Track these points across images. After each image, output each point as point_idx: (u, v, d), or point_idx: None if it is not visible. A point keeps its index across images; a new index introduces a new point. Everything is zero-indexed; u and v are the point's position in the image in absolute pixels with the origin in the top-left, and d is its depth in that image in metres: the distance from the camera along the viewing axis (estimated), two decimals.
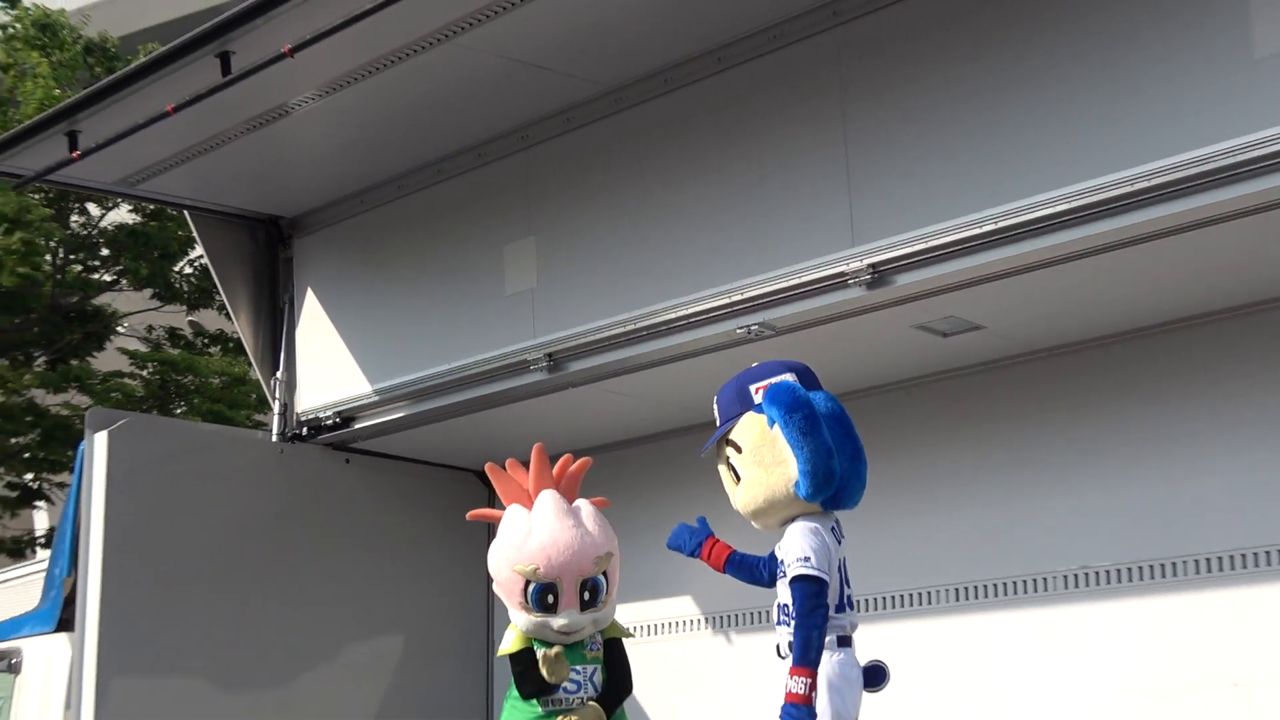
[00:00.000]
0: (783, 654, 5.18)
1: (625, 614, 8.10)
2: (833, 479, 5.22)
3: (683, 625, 8.08)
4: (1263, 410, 6.27)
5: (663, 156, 6.98)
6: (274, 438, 8.44)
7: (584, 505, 6.15)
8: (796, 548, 5.14)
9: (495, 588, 6.09)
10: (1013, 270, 5.89)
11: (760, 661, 7.54)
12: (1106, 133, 5.55)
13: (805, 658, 5.07)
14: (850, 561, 5.30)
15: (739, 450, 5.30)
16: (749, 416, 5.27)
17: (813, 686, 5.01)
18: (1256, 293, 6.24)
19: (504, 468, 6.20)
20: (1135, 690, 6.38)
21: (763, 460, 5.22)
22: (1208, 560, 6.32)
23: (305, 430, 8.39)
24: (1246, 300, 6.31)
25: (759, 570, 5.61)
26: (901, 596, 7.13)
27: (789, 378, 5.33)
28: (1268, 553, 6.16)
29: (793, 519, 5.22)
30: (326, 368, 8.33)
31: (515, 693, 6.00)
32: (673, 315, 6.75)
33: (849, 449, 5.31)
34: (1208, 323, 6.48)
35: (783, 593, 5.20)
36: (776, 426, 5.22)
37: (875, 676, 5.31)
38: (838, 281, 6.22)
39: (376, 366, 8.07)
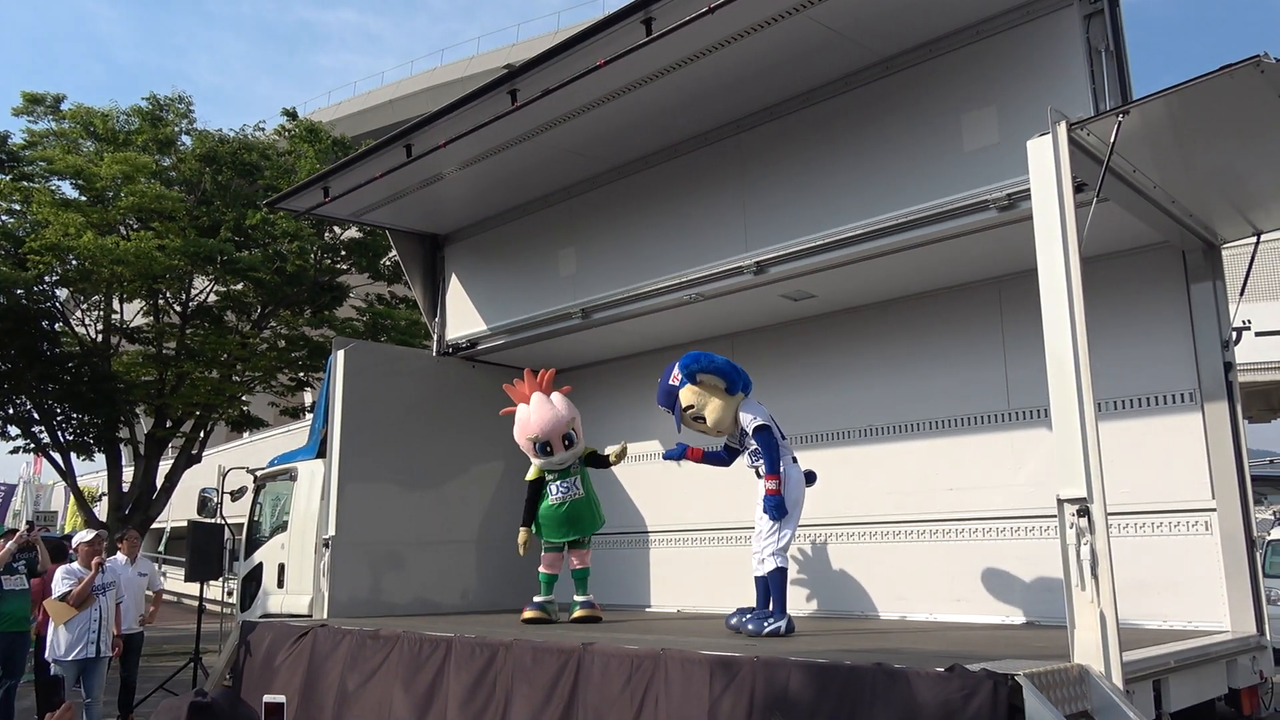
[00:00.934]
0: (760, 474, 5.39)
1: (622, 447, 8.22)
2: (738, 377, 5.39)
3: (651, 456, 8.13)
4: (961, 340, 6.32)
5: (643, 205, 6.92)
6: (434, 353, 8.46)
7: (556, 396, 6.56)
8: (750, 416, 5.40)
9: (522, 448, 6.57)
10: (834, 265, 5.93)
11: (690, 479, 7.65)
12: (885, 190, 5.59)
13: (772, 469, 5.26)
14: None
15: (692, 408, 5.51)
16: (681, 392, 5.54)
17: (779, 486, 5.26)
18: (953, 279, 6.27)
19: (512, 384, 6.65)
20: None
21: (705, 402, 5.47)
22: (933, 421, 6.41)
23: (451, 350, 8.39)
24: (948, 284, 6.36)
25: (720, 455, 5.78)
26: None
27: (676, 366, 5.60)
28: (969, 417, 6.27)
29: (736, 412, 5.44)
30: (463, 316, 8.32)
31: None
32: (650, 289, 6.79)
33: (728, 361, 5.57)
34: (928, 298, 6.51)
35: (749, 441, 5.40)
36: (699, 379, 5.43)
37: (810, 478, 5.59)
38: (737, 270, 6.27)
39: (489, 314, 8.09)
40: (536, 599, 6.53)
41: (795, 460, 5.46)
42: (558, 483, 6.53)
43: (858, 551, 6.61)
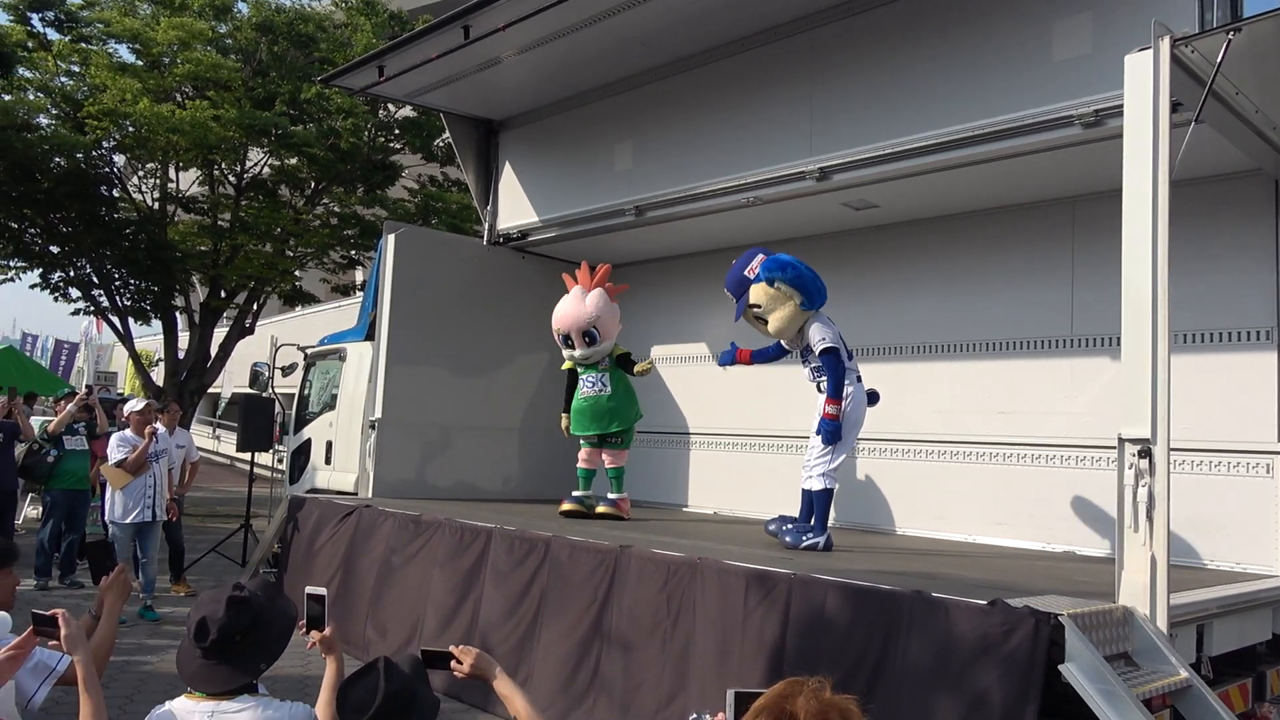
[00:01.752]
0: (821, 390, 5.30)
1: (669, 351, 8.21)
2: (818, 293, 5.25)
3: (700, 358, 8.09)
4: (1020, 259, 6.14)
5: (705, 101, 6.70)
6: (484, 242, 8.39)
7: (596, 293, 6.55)
8: (819, 334, 5.26)
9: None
10: (902, 175, 5.72)
11: (735, 382, 7.60)
12: (963, 99, 5.31)
13: (834, 393, 5.18)
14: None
15: (759, 307, 5.36)
16: (754, 288, 5.37)
17: (838, 411, 5.19)
18: (1025, 196, 6.04)
19: (573, 274, 6.70)
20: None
21: (777, 304, 5.31)
22: (991, 343, 6.27)
23: (501, 239, 8.32)
24: (1019, 201, 6.12)
25: (769, 353, 5.71)
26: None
27: (761, 256, 5.40)
28: (1026, 341, 6.11)
29: (805, 323, 5.30)
30: (515, 206, 8.21)
31: None
32: (709, 189, 6.62)
33: (811, 271, 5.40)
34: (996, 214, 6.29)
35: (812, 359, 5.32)
36: (776, 282, 5.26)
37: (872, 398, 5.48)
38: (799, 175, 6.06)
39: (541, 205, 7.97)
40: (575, 493, 6.71)
41: (860, 379, 5.34)
42: (586, 376, 6.69)
43: (901, 468, 6.56)
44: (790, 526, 5.22)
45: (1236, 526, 5.07)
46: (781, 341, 5.54)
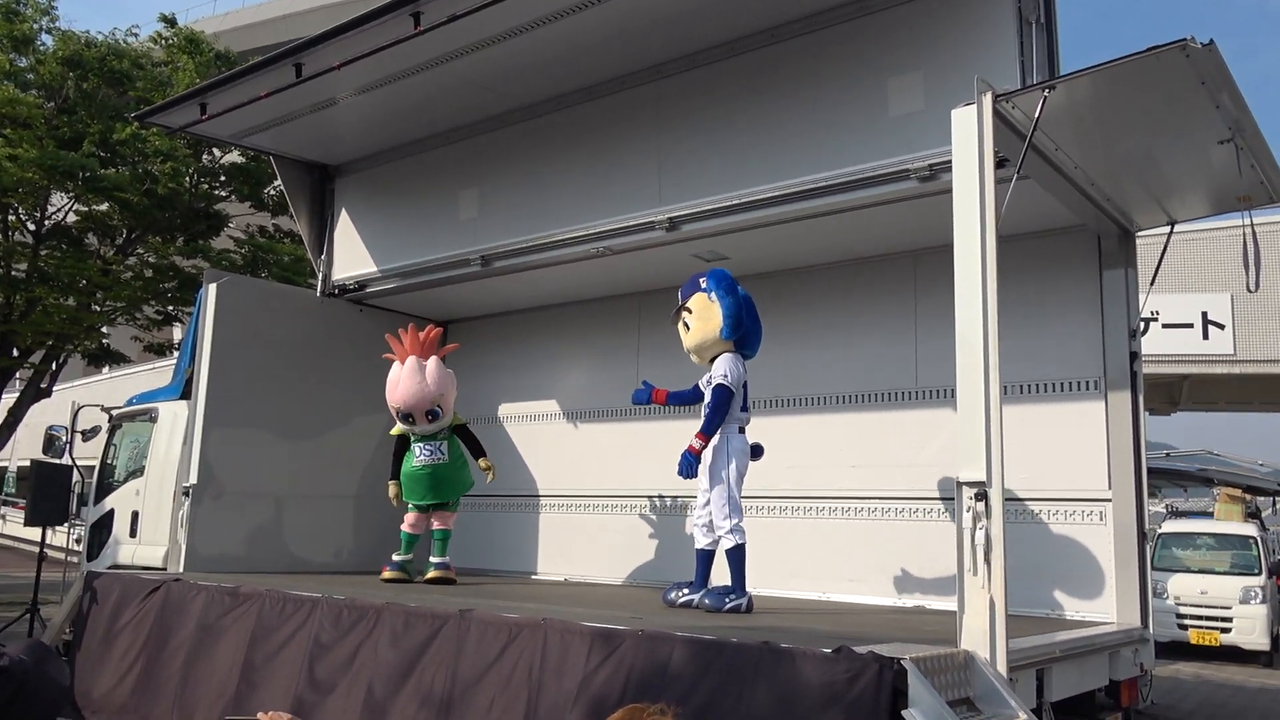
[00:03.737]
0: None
1: (517, 409, 8.23)
2: (740, 325, 5.40)
3: (548, 416, 8.16)
4: (873, 314, 6.50)
5: (553, 149, 6.87)
6: (318, 293, 8.27)
7: (431, 365, 6.63)
8: (721, 368, 5.36)
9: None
10: (749, 226, 5.98)
11: (590, 438, 7.72)
12: (805, 152, 5.65)
13: (708, 430, 5.28)
14: None
15: (690, 312, 5.49)
16: (698, 294, 5.51)
17: (704, 447, 5.28)
18: (870, 249, 6.42)
19: (398, 337, 6.73)
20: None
21: (701, 316, 5.45)
22: (840, 396, 6.58)
23: (337, 291, 8.22)
24: (865, 254, 6.50)
25: (685, 396, 5.78)
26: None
27: (710, 275, 5.57)
28: (872, 394, 6.44)
29: (718, 355, 5.41)
30: (352, 255, 8.14)
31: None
32: (558, 239, 6.74)
33: (752, 314, 5.53)
34: (843, 267, 6.64)
35: (707, 394, 5.40)
36: (714, 295, 5.35)
37: (756, 452, 5.54)
38: (649, 225, 6.26)
39: (380, 255, 7.93)
40: (395, 557, 6.78)
41: (742, 432, 5.48)
42: (422, 444, 6.74)
43: (755, 525, 6.70)
44: (707, 591, 5.25)
45: (1074, 574, 5.45)
46: (698, 383, 5.60)
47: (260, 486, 7.58)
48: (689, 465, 5.27)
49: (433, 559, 6.83)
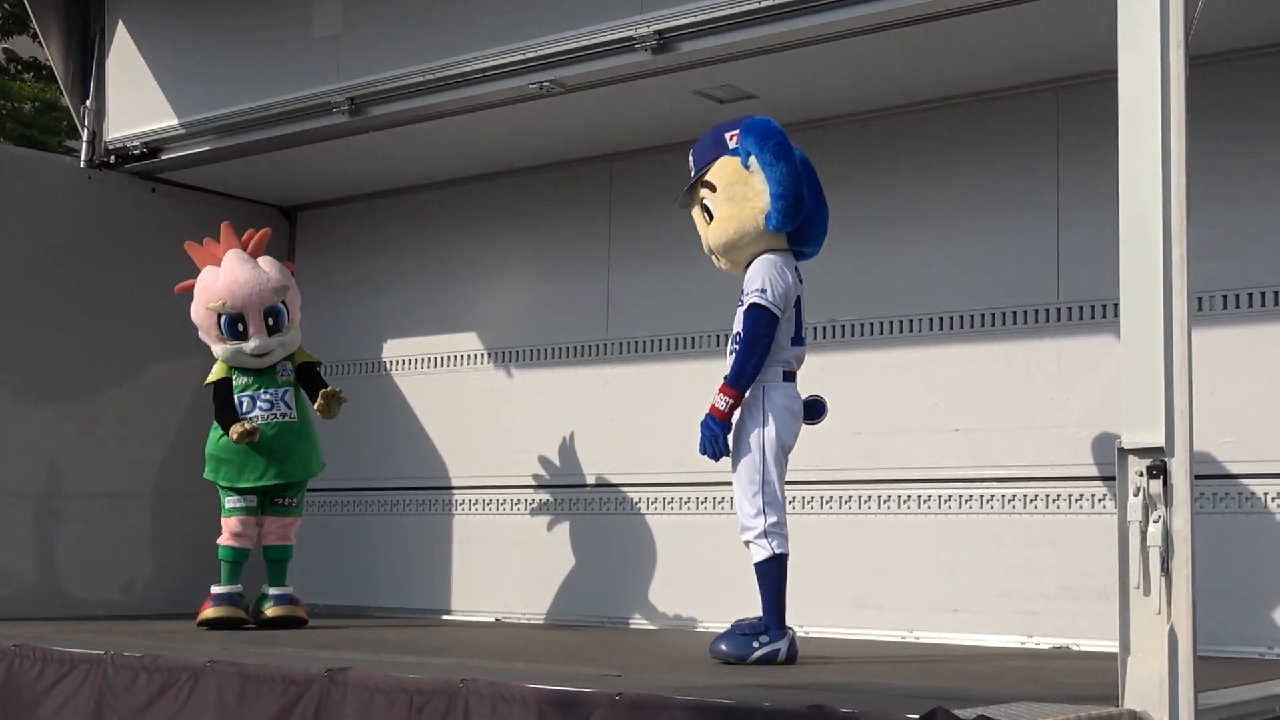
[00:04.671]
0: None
1: (416, 347, 8.30)
2: (801, 206, 5.29)
3: (466, 359, 8.24)
4: (988, 186, 6.58)
5: None
6: (82, 164, 8.22)
7: (265, 258, 6.94)
8: (758, 278, 5.28)
9: (200, 334, 6.97)
10: (786, 44, 5.98)
11: (537, 392, 7.81)
12: None
13: (737, 381, 5.24)
14: None
15: (713, 190, 5.40)
16: (723, 159, 5.39)
17: (735, 406, 5.24)
18: (977, 80, 6.48)
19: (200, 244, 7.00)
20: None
21: (734, 196, 5.33)
22: (933, 318, 6.67)
23: (113, 159, 8.18)
24: (966, 90, 6.58)
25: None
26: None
27: (742, 128, 5.40)
28: (984, 314, 6.53)
29: (757, 256, 5.35)
30: (136, 99, 8.10)
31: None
32: (470, 68, 6.74)
33: (815, 189, 5.42)
34: (933, 110, 6.73)
35: (737, 320, 5.33)
36: (753, 160, 5.29)
37: (814, 410, 5.51)
38: (625, 45, 6.24)
39: (185, 100, 7.89)
40: (217, 589, 6.91)
41: (790, 379, 5.46)
42: (259, 392, 6.91)
43: (800, 527, 6.81)
44: (729, 631, 5.26)
45: None
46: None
47: (1, 482, 7.62)
48: (714, 439, 5.27)
49: (270, 589, 6.99)
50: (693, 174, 5.52)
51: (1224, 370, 5.49)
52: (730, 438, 5.33)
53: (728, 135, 5.46)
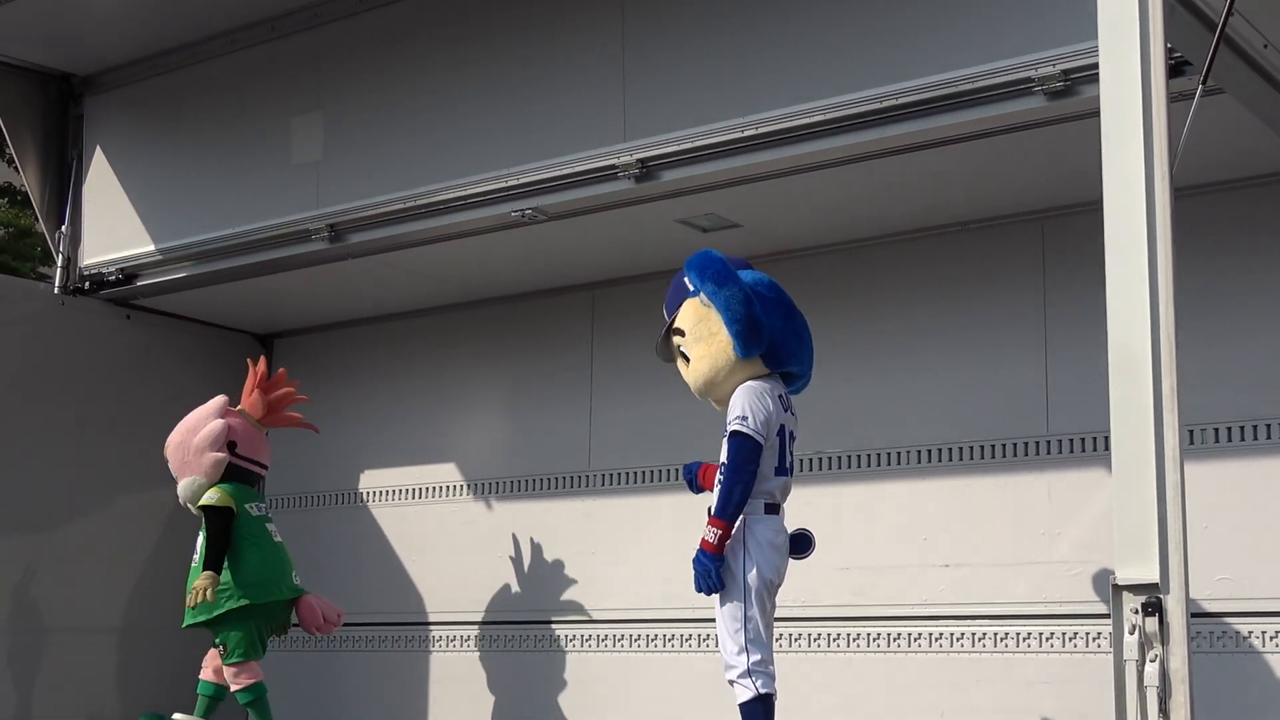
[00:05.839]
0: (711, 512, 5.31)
1: (394, 478, 8.29)
2: (760, 328, 5.31)
3: (444, 490, 8.20)
4: (975, 317, 6.60)
5: (449, 44, 6.96)
6: (56, 290, 8.25)
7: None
8: (737, 406, 5.29)
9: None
10: (770, 174, 6.05)
11: (519, 523, 7.78)
12: (860, 53, 5.72)
13: (724, 511, 5.20)
14: None
15: (683, 335, 5.43)
16: (686, 303, 5.44)
17: (724, 538, 5.18)
18: (964, 209, 6.55)
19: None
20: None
21: (701, 335, 5.37)
22: (920, 451, 6.66)
23: (88, 285, 8.22)
24: (954, 219, 6.64)
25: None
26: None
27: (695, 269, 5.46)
28: (973, 447, 6.52)
29: (739, 385, 5.34)
30: (112, 225, 8.16)
31: None
32: (451, 195, 6.79)
33: (780, 309, 5.43)
34: (920, 241, 6.80)
35: (722, 451, 5.32)
36: (704, 294, 5.34)
37: (800, 545, 5.49)
38: (608, 173, 6.31)
39: (162, 226, 7.94)
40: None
41: (774, 511, 5.43)
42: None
43: (788, 666, 6.76)
44: None
45: None
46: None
47: None
48: (706, 574, 5.21)
49: None
50: (667, 321, 5.56)
51: (1218, 504, 5.48)
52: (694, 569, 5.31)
53: (685, 279, 5.52)
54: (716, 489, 5.31)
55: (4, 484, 7.73)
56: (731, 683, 5.27)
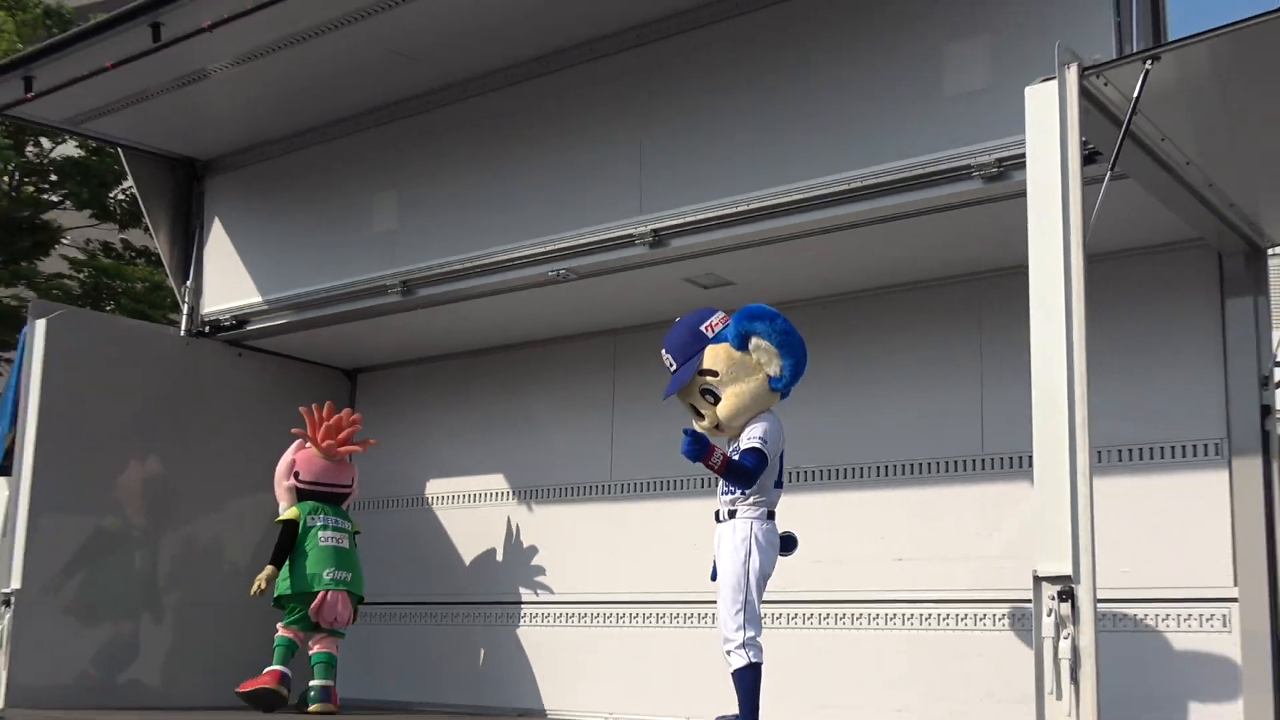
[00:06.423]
0: (720, 519, 5.34)
1: (455, 485, 8.27)
2: (803, 370, 5.34)
3: (493, 496, 8.17)
4: (925, 358, 6.57)
5: (498, 136, 6.99)
6: (181, 333, 8.29)
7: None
8: (759, 429, 5.28)
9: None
10: (758, 241, 6.07)
11: (553, 523, 7.76)
12: (832, 144, 5.74)
13: (724, 470, 5.19)
14: None
15: (714, 375, 5.31)
16: (711, 348, 5.34)
17: (707, 465, 5.16)
18: (916, 272, 6.53)
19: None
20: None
21: (738, 375, 5.29)
22: (880, 467, 6.64)
23: (207, 329, 8.25)
24: (908, 279, 6.61)
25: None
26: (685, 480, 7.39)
27: (722, 314, 5.47)
28: (922, 464, 6.51)
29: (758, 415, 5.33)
30: (227, 280, 8.19)
31: None
32: (500, 258, 6.81)
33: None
34: (880, 297, 6.76)
35: (733, 452, 5.29)
36: (754, 340, 5.27)
37: (788, 544, 5.50)
38: (626, 241, 6.33)
39: (267, 281, 7.98)
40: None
41: (771, 517, 5.43)
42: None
43: (771, 640, 6.72)
44: None
45: (1190, 698, 5.47)
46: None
47: (106, 592, 7.55)
48: (691, 451, 5.11)
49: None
50: (674, 366, 5.42)
51: (1120, 511, 5.45)
52: (719, 566, 5.30)
53: (703, 327, 5.42)
54: (730, 503, 5.32)
55: (141, 494, 7.77)
56: (729, 653, 5.26)
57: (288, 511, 7.37)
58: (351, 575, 7.33)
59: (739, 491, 5.30)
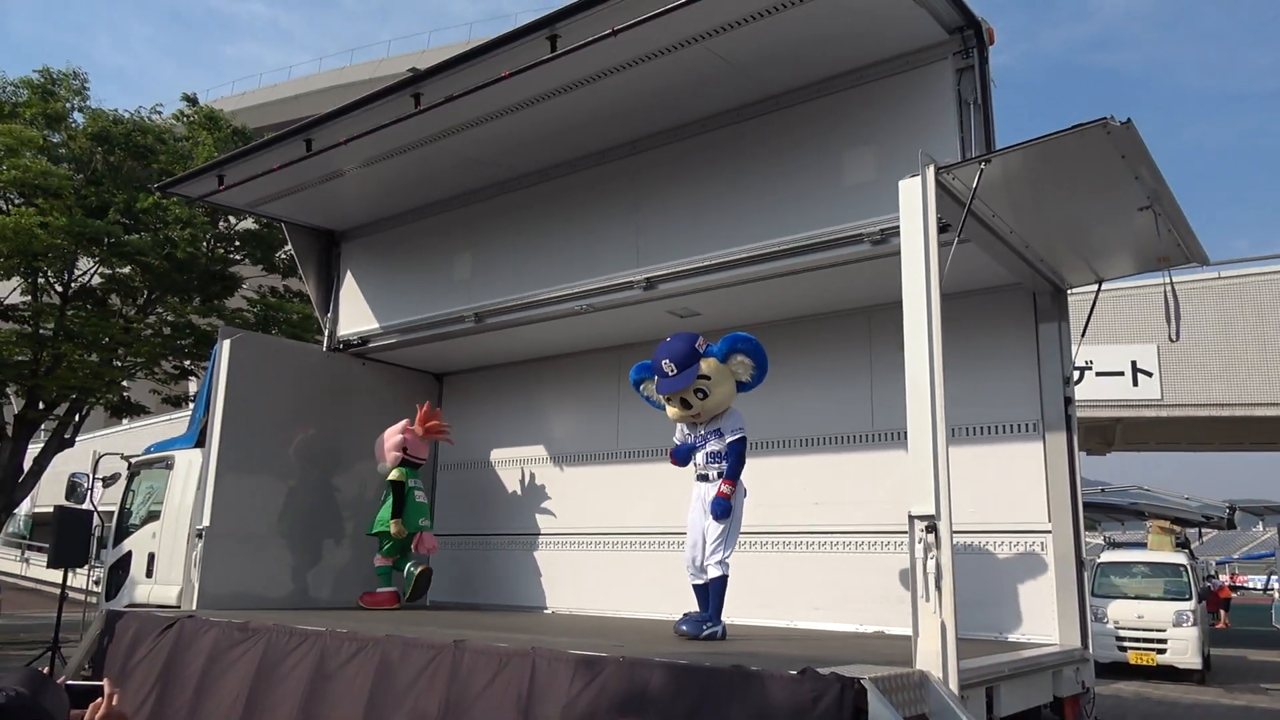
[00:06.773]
0: (709, 477, 5.29)
1: (512, 454, 8.20)
2: (764, 377, 5.37)
3: (537, 460, 8.11)
4: (834, 363, 6.56)
5: (541, 215, 6.97)
6: (324, 348, 8.26)
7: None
8: (736, 421, 5.31)
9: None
10: (719, 285, 6.07)
11: (577, 480, 7.70)
12: (770, 218, 5.76)
13: (733, 475, 5.21)
14: None
15: (708, 379, 5.27)
16: (704, 360, 5.30)
17: (733, 489, 5.21)
18: (828, 306, 6.50)
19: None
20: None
21: (723, 380, 5.30)
22: (804, 439, 6.61)
23: (341, 346, 8.22)
24: (824, 311, 6.58)
25: (682, 451, 5.49)
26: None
27: (702, 338, 5.41)
28: (831, 437, 6.47)
29: (729, 408, 5.35)
30: (354, 313, 8.16)
31: None
32: (540, 297, 6.81)
33: None
34: (804, 322, 6.71)
35: (715, 444, 5.30)
36: (735, 356, 5.28)
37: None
38: (627, 286, 6.33)
39: (381, 313, 7.95)
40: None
41: None
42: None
43: (734, 559, 6.71)
44: (686, 620, 5.19)
45: (1018, 600, 5.45)
46: (681, 434, 5.47)
47: (268, 528, 7.51)
48: (725, 509, 5.16)
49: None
50: (675, 371, 5.30)
51: (966, 470, 5.42)
52: (710, 506, 5.24)
53: (696, 345, 5.36)
54: (710, 466, 5.30)
55: (293, 460, 7.70)
56: (705, 566, 5.24)
57: (395, 473, 7.32)
58: (430, 520, 7.50)
59: (722, 463, 5.28)
